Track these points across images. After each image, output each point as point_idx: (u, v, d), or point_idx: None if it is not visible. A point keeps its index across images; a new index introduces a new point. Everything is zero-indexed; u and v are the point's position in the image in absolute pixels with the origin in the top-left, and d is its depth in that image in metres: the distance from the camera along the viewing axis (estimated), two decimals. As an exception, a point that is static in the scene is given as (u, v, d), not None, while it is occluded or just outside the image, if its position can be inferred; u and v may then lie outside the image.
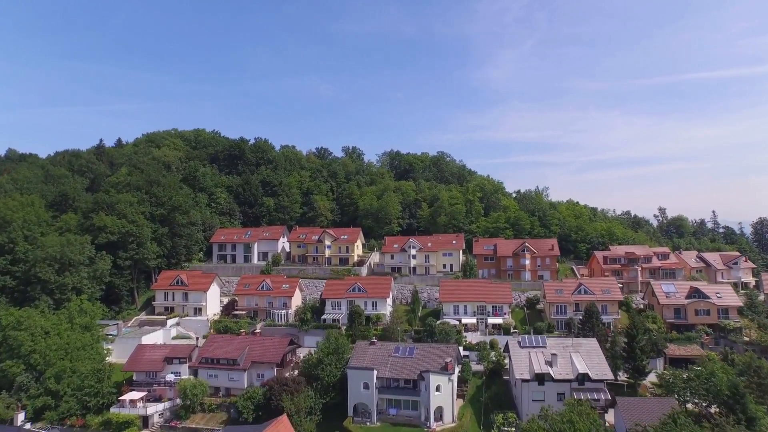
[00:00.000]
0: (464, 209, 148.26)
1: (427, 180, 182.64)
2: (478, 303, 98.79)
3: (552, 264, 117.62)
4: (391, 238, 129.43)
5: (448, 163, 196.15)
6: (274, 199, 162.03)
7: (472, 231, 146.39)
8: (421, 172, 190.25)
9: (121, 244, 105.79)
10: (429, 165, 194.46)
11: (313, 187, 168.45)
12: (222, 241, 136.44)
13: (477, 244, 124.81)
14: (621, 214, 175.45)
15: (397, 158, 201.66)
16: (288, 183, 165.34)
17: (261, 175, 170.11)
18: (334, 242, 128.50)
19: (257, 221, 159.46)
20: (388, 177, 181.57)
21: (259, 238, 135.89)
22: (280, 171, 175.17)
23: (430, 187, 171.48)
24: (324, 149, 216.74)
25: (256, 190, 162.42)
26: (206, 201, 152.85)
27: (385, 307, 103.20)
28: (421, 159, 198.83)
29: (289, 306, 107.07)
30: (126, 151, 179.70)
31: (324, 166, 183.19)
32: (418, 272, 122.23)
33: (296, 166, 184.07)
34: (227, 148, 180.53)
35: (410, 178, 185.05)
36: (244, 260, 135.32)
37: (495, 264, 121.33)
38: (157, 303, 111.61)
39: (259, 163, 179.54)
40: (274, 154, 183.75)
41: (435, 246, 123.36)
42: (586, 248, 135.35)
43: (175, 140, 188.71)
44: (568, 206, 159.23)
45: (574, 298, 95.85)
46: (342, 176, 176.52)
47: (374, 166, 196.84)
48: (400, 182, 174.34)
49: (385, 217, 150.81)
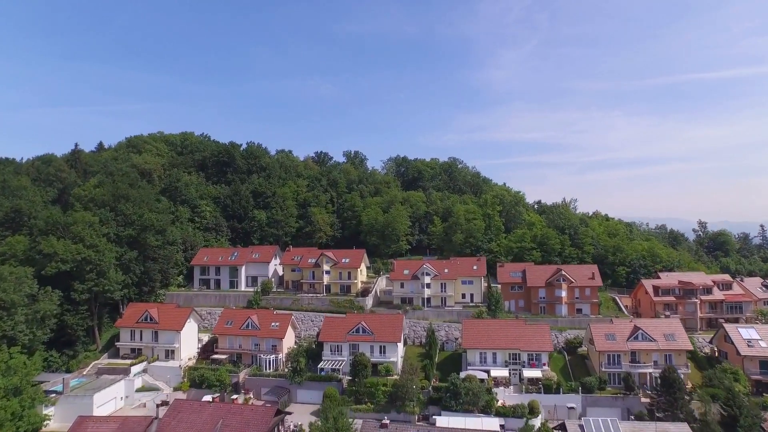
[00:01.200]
0: (483, 225, 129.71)
1: (438, 189, 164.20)
2: (511, 351, 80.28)
3: (593, 295, 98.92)
4: (401, 262, 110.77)
5: (461, 170, 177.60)
6: (267, 212, 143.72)
7: (492, 250, 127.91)
8: (431, 181, 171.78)
9: (77, 273, 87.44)
10: (439, 172, 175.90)
11: (311, 198, 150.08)
12: (204, 263, 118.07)
13: (502, 270, 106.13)
14: (656, 228, 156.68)
15: (403, 164, 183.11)
16: (282, 194, 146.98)
17: (253, 184, 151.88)
18: (333, 267, 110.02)
19: (247, 238, 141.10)
20: (394, 186, 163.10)
21: (247, 260, 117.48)
22: (274, 180, 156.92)
23: (442, 198, 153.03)
24: (323, 154, 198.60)
25: (246, 202, 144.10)
26: (188, 215, 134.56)
27: (395, 352, 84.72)
28: (431, 165, 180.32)
29: (279, 350, 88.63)
30: (104, 157, 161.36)
31: (323, 173, 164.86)
32: (433, 303, 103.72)
33: (292, 173, 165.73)
34: (215, 154, 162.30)
35: (419, 187, 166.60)
36: (229, 285, 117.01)
37: (524, 294, 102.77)
38: (121, 343, 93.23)
39: (251, 171, 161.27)
40: (268, 161, 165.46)
41: (453, 272, 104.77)
42: (625, 272, 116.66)
43: (159, 145, 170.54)
44: (600, 221, 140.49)
45: (630, 346, 77.22)
46: (343, 185, 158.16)
47: (379, 173, 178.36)
48: (408, 192, 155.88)
49: (393, 234, 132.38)
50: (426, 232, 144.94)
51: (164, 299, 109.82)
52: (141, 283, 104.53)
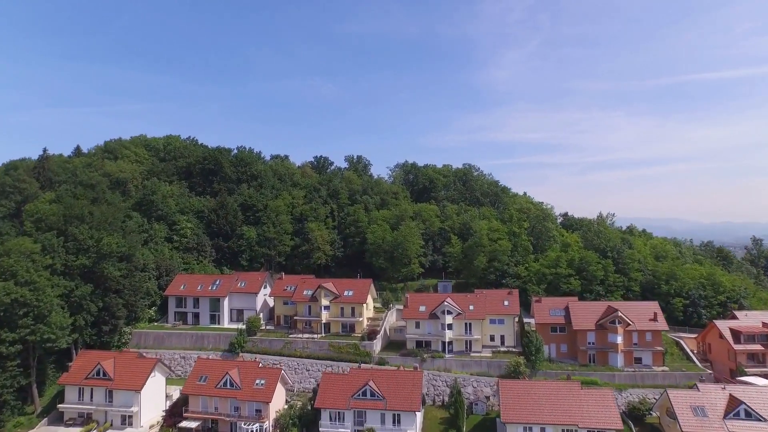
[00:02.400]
0: (509, 246, 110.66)
1: (452, 201, 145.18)
2: (566, 427, 61.31)
3: (655, 341, 79.67)
4: (415, 297, 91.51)
5: (477, 179, 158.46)
6: (257, 228, 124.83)
7: (519, 275, 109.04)
8: (444, 190, 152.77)
9: (6, 319, 68.71)
10: (453, 181, 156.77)
11: (309, 211, 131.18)
12: (181, 292, 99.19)
13: (539, 307, 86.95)
14: (701, 246, 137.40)
15: (412, 171, 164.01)
16: (275, 207, 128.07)
17: (242, 195, 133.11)
18: (334, 301, 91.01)
19: (234, 259, 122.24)
20: (403, 197, 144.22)
21: (231, 290, 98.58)
22: (266, 190, 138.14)
23: (458, 212, 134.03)
24: (323, 159, 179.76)
25: (233, 217, 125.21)
26: (165, 233, 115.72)
27: (412, 424, 65.67)
28: (443, 173, 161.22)
29: (265, 416, 69.59)
30: (75, 164, 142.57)
31: (323, 182, 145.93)
32: (456, 347, 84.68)
33: (287, 182, 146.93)
34: (200, 160, 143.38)
35: (431, 198, 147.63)
36: (210, 320, 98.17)
37: (567, 338, 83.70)
38: (66, 405, 74.15)
39: (240, 180, 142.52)
40: (260, 168, 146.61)
41: (479, 310, 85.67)
42: (682, 305, 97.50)
43: (139, 150, 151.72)
44: (643, 240, 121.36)
45: (730, 426, 58.13)
46: (345, 196, 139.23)
47: (385, 182, 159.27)
48: (420, 205, 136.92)
49: (403, 256, 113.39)
50: (441, 251, 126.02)
51: (129, 340, 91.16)
52: (100, 321, 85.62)
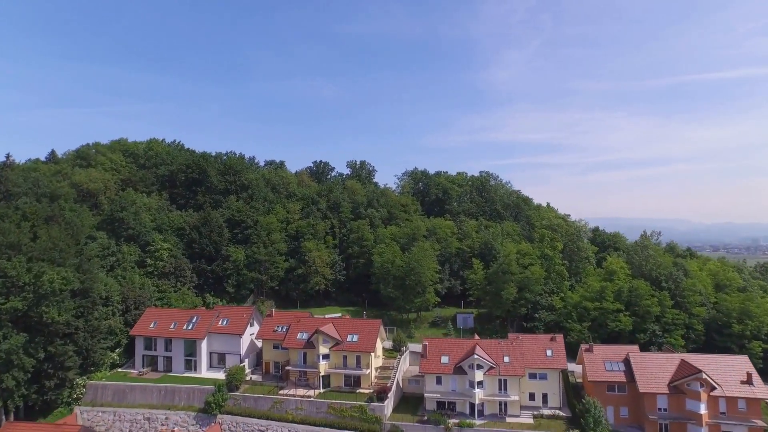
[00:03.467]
0: (543, 273, 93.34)
1: (470, 215, 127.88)
2: None
3: (752, 412, 61.81)
4: (436, 343, 73.69)
5: (496, 188, 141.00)
6: (246, 248, 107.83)
7: (554, 307, 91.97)
8: (460, 202, 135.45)
9: None
10: (469, 191, 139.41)
11: (306, 228, 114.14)
12: (151, 332, 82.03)
13: (591, 358, 69.36)
14: (756, 269, 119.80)
15: (423, 180, 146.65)
16: (267, 223, 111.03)
17: (229, 209, 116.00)
18: (335, 349, 73.67)
19: (219, 284, 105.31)
20: (414, 211, 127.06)
21: (211, 330, 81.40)
22: (257, 202, 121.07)
23: (477, 229, 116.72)
24: (323, 165, 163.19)
25: (219, 235, 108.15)
26: (137, 256, 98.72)
27: None
28: (458, 182, 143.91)
29: None
30: (42, 172, 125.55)
31: (322, 192, 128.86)
32: (488, 410, 67.33)
33: (282, 193, 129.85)
34: (183, 168, 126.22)
35: (445, 211, 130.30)
36: (185, 366, 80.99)
37: (629, 400, 66.13)
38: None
39: (228, 190, 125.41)
40: (251, 177, 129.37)
41: (517, 362, 68.24)
42: (762, 350, 79.93)
43: (115, 156, 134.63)
44: (698, 264, 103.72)
45: None
46: (347, 210, 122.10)
47: (392, 192, 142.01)
48: (434, 220, 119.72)
49: (416, 284, 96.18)
50: (459, 275, 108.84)
51: (83, 395, 74.12)
52: (43, 375, 68.63)
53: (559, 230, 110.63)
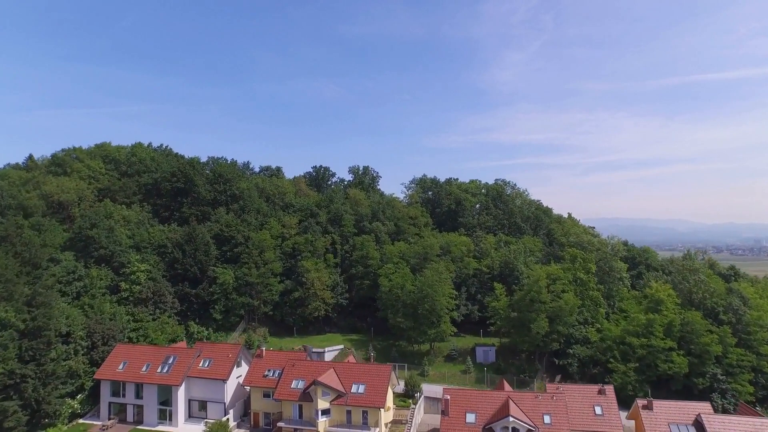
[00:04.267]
0: (578, 302, 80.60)
1: (487, 229, 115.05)
2: None
3: None
4: (458, 395, 60.82)
5: (514, 198, 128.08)
6: (236, 268, 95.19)
7: (588, 340, 79.40)
8: (475, 214, 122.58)
9: None
10: (486, 202, 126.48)
11: (303, 244, 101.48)
12: (119, 375, 69.15)
13: (651, 420, 56.34)
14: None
15: (433, 189, 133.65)
16: (260, 241, 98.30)
17: (218, 224, 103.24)
18: (336, 402, 60.87)
19: (204, 311, 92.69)
20: (424, 224, 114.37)
21: (189, 373, 68.62)
22: (250, 215, 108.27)
23: (497, 245, 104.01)
24: (323, 170, 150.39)
25: (205, 254, 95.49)
26: (110, 280, 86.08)
27: None
28: (471, 190, 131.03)
29: None
30: (14, 178, 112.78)
31: (322, 203, 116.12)
32: (525, 483, 54.54)
33: (277, 204, 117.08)
34: (168, 177, 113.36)
35: (459, 224, 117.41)
36: (159, 416, 68.19)
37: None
38: None
39: (217, 201, 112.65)
40: (244, 186, 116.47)
41: (560, 422, 55.33)
42: None
43: (94, 163, 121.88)
44: (750, 285, 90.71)
45: None
46: (350, 223, 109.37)
47: (400, 201, 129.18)
48: (447, 236, 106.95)
49: (430, 313, 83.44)
50: (476, 298, 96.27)
51: (32, 458, 61.31)
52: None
53: (589, 248, 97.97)
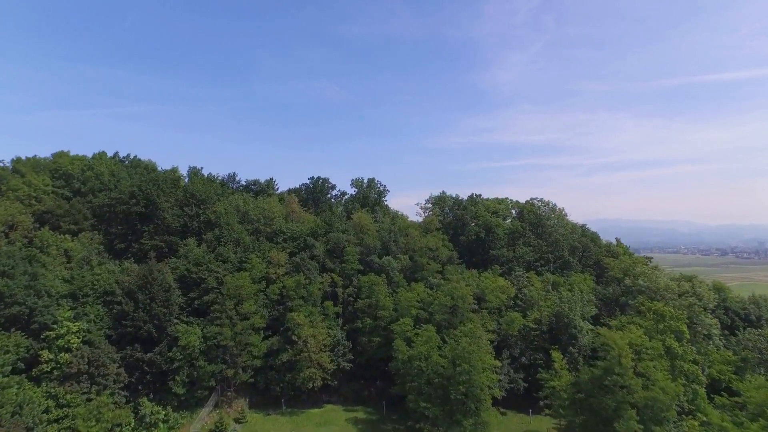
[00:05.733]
0: (679, 389, 57.55)
1: (527, 264, 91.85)
2: None
3: None
4: None
5: (552, 222, 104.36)
6: (204, 324, 72.08)
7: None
8: (509, 243, 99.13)
9: None
10: (522, 228, 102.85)
11: (294, 289, 78.36)
12: None
13: None
14: None
15: (455, 209, 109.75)
16: (236, 287, 74.97)
17: (186, 260, 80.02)
18: None
19: (162, 383, 69.46)
20: (447, 258, 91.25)
21: None
22: (227, 248, 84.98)
23: (545, 291, 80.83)
24: (322, 182, 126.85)
25: (165, 304, 72.29)
26: (25, 350, 62.84)
27: None
28: (501, 211, 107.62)
29: None
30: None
31: (319, 229, 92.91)
32: None
33: (263, 232, 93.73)
34: (128, 197, 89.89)
35: (490, 258, 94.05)
36: None
37: None
38: None
39: (187, 230, 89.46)
40: (222, 209, 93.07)
41: None
42: None
43: (39, 179, 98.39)
44: None
45: None
46: (354, 257, 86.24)
47: (415, 224, 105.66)
48: (480, 276, 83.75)
49: (468, 397, 60.29)
50: (520, 361, 73.21)
51: None
52: None
53: (667, 295, 74.95)
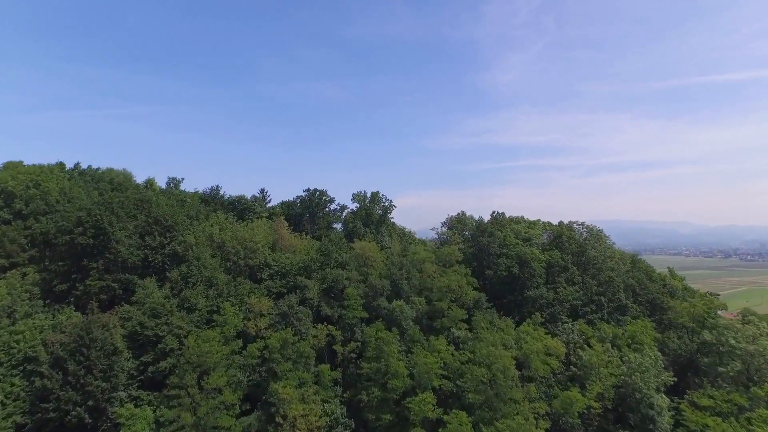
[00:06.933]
0: None
1: (571, 310, 73.37)
2: None
3: None
4: None
5: (599, 250, 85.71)
6: (159, 403, 53.54)
7: None
8: (549, 281, 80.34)
9: None
10: (563, 261, 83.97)
11: (279, 349, 59.86)
12: None
13: None
14: None
15: (478, 234, 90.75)
16: (200, 354, 56.36)
17: (140, 310, 61.43)
18: None
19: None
20: (474, 301, 72.80)
21: None
22: (196, 292, 66.33)
23: (608, 357, 62.47)
24: (318, 194, 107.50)
25: (104, 376, 53.75)
26: None
27: None
28: (534, 238, 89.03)
29: None
30: None
31: (312, 265, 74.23)
32: None
33: (244, 268, 75.04)
34: (71, 226, 70.99)
35: (525, 300, 75.29)
36: None
37: None
38: None
39: (148, 266, 70.94)
40: (192, 239, 74.14)
41: None
42: None
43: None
44: None
45: None
46: (357, 304, 67.77)
47: (430, 249, 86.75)
48: (519, 330, 65.35)
49: None
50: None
51: None
52: None
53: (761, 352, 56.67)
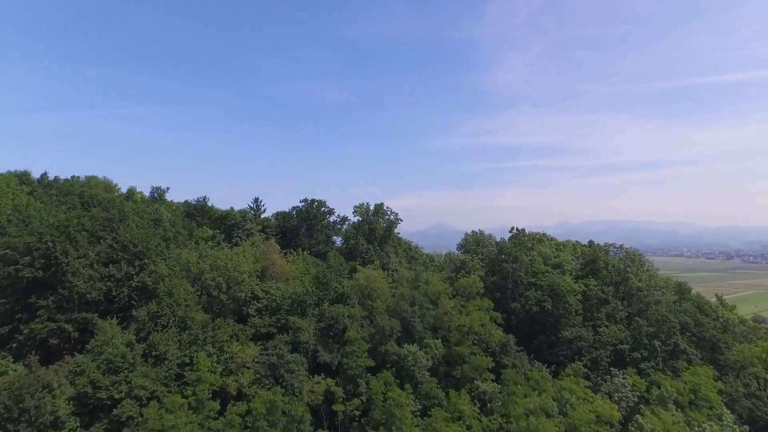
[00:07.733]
0: None
1: (620, 355, 61.53)
2: None
3: None
4: None
5: (645, 281, 73.56)
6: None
7: None
8: (587, 318, 68.27)
9: None
10: (604, 293, 71.64)
11: (267, 415, 47.79)
12: None
13: None
14: None
15: (501, 259, 78.44)
16: (165, 426, 44.26)
17: (98, 361, 49.18)
18: None
19: None
20: (500, 345, 60.89)
21: None
22: (167, 337, 54.13)
23: (675, 424, 50.27)
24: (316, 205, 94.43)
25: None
26: None
27: None
28: (563, 260, 76.98)
29: None
30: None
31: (309, 297, 62.08)
32: None
33: (228, 304, 62.79)
34: (18, 256, 58.65)
35: (560, 341, 63.29)
36: None
37: None
38: None
39: (112, 303, 58.73)
40: (163, 270, 61.72)
41: None
42: None
43: None
44: None
45: None
46: (362, 350, 55.66)
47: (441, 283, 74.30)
48: (559, 384, 53.35)
49: None
50: None
51: None
52: None
53: None
